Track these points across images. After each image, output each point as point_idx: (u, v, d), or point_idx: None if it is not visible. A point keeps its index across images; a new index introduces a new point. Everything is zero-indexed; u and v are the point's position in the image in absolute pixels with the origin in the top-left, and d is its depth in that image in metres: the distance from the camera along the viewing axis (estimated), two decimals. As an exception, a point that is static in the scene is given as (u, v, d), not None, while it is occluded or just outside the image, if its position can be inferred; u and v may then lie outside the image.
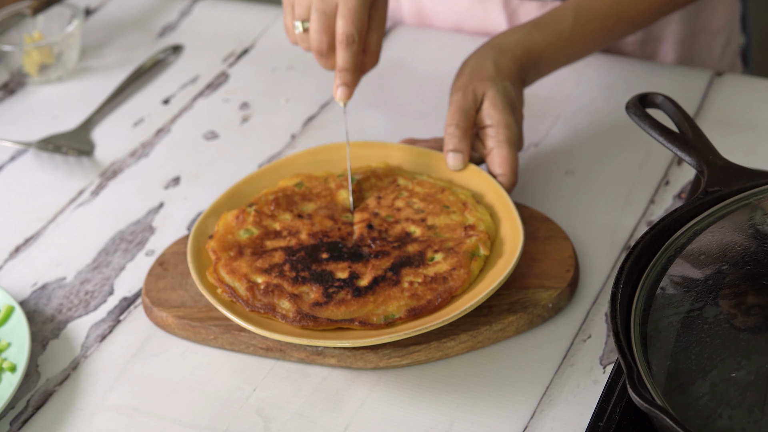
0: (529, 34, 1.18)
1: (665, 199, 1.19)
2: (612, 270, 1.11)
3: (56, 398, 1.03)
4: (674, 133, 1.04)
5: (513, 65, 1.15)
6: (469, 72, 1.15)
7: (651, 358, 0.86)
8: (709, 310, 0.89)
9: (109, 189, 1.27)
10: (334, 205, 1.13)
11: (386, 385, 1.02)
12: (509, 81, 1.14)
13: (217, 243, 1.08)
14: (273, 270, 1.05)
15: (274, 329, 1.00)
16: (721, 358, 0.85)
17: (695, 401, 0.83)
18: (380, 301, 1.02)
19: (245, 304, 1.03)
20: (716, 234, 0.95)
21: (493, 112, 1.12)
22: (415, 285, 1.02)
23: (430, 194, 1.11)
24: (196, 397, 1.02)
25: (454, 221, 1.08)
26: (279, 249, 1.08)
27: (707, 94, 1.32)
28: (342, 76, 1.12)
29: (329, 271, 1.05)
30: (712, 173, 1.00)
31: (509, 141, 1.12)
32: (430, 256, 1.05)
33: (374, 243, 1.07)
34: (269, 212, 1.11)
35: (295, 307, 1.01)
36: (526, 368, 1.02)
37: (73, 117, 1.38)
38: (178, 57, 1.48)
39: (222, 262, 1.06)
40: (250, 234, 1.10)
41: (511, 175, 1.12)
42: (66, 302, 1.13)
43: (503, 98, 1.12)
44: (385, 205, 1.11)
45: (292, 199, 1.13)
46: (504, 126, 1.12)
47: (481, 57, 1.16)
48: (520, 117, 1.15)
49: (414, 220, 1.09)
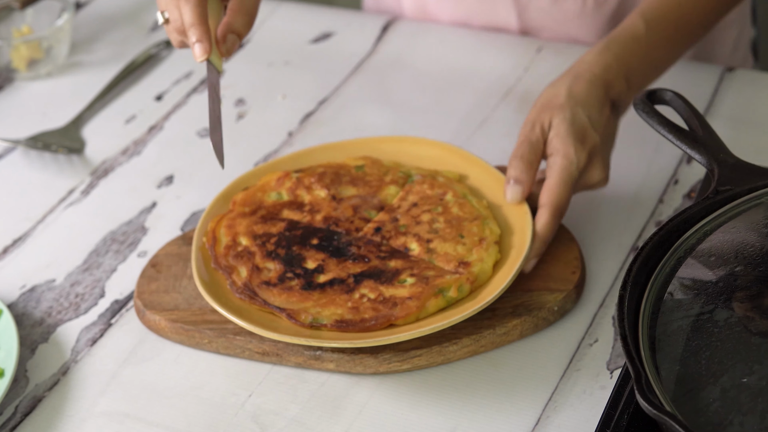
0: (608, 48, 1.13)
1: (674, 198, 1.19)
2: (619, 272, 1.11)
3: (45, 404, 1.03)
4: (684, 130, 1.04)
5: (592, 88, 1.10)
6: (542, 102, 1.12)
7: (660, 362, 0.86)
8: (720, 313, 0.89)
9: (100, 188, 1.27)
10: (372, 197, 1.13)
11: (386, 391, 1.02)
12: (582, 107, 1.09)
13: (244, 196, 1.14)
14: (261, 238, 1.08)
15: (275, 329, 1.00)
16: (732, 363, 0.85)
17: (705, 407, 0.83)
18: (322, 303, 1.03)
19: (213, 259, 1.07)
20: (727, 234, 0.95)
21: (556, 141, 1.08)
22: (364, 299, 1.03)
23: (459, 218, 1.09)
24: (189, 403, 1.02)
25: (457, 253, 1.06)
26: (286, 221, 1.10)
27: (718, 90, 1.32)
28: (192, 32, 1.06)
29: (302, 257, 1.07)
30: (722, 172, 1.00)
31: (562, 171, 1.07)
32: (403, 278, 1.04)
33: (366, 246, 1.07)
34: (308, 183, 1.13)
35: (246, 279, 1.05)
36: (531, 373, 1.02)
37: (63, 114, 1.38)
38: (171, 52, 1.48)
39: (230, 215, 1.11)
40: (279, 198, 1.13)
41: (551, 208, 1.07)
42: (55, 305, 1.13)
43: (569, 126, 1.08)
44: (413, 214, 1.11)
45: (339, 179, 1.14)
46: (562, 155, 1.08)
47: (555, 85, 1.12)
48: (596, 147, 1.09)
49: (421, 237, 1.08)
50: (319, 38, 1.47)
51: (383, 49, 1.45)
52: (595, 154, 1.09)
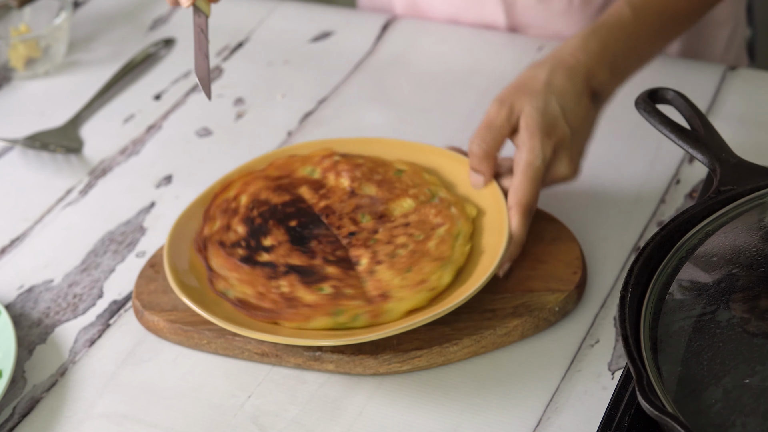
0: (593, 34, 1.12)
1: (676, 198, 1.19)
2: (621, 272, 1.11)
3: (43, 405, 1.03)
4: (685, 129, 1.04)
5: (572, 76, 1.08)
6: (518, 83, 1.09)
7: (661, 363, 0.86)
8: (722, 313, 0.89)
9: (99, 188, 1.27)
10: (382, 203, 1.10)
11: (386, 392, 1.02)
12: (558, 96, 1.07)
13: (283, 161, 1.17)
14: (259, 203, 1.11)
15: (263, 330, 1.01)
16: (734, 364, 0.85)
17: (707, 408, 0.83)
18: (243, 278, 1.05)
19: (207, 209, 1.12)
20: (729, 235, 0.95)
21: (524, 133, 1.07)
22: (277, 290, 1.03)
23: (424, 253, 1.05)
24: (188, 404, 1.02)
25: (388, 285, 1.03)
26: (295, 196, 1.12)
27: (720, 89, 1.32)
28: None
29: (267, 232, 1.08)
30: (724, 172, 1.00)
31: (528, 168, 1.06)
32: (322, 286, 1.03)
33: (326, 245, 1.07)
34: (340, 170, 1.13)
35: (211, 232, 1.09)
36: (532, 374, 1.02)
37: (61, 113, 1.38)
38: (170, 51, 1.48)
39: (257, 173, 1.14)
40: (311, 174, 1.14)
41: (519, 208, 1.06)
42: (53, 306, 1.13)
43: (539, 117, 1.06)
44: (395, 233, 1.08)
45: (371, 176, 1.13)
46: (528, 150, 1.06)
47: (537, 67, 1.10)
48: (563, 140, 1.07)
49: (376, 257, 1.05)
50: (319, 37, 1.47)
51: (383, 48, 1.45)
52: (562, 147, 1.08)
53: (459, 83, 1.38)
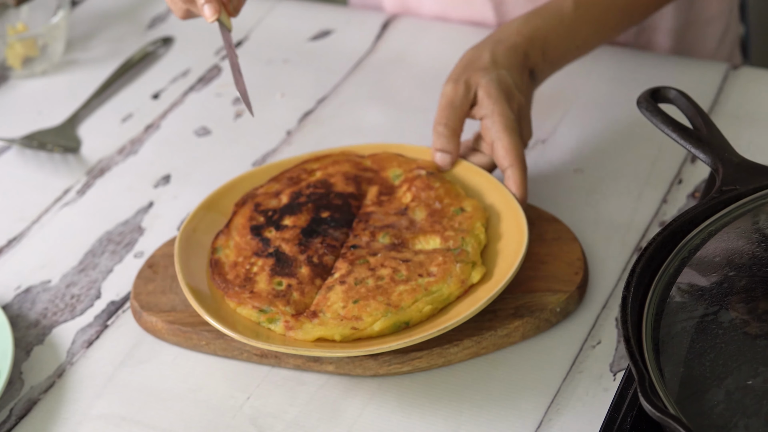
0: (528, 21, 1.18)
1: (678, 198, 1.19)
2: (623, 273, 1.11)
3: (41, 407, 1.03)
4: (688, 129, 1.04)
5: (512, 54, 1.15)
6: (464, 63, 1.16)
7: (663, 364, 0.86)
8: (724, 314, 0.89)
9: (96, 188, 1.27)
10: (413, 234, 1.08)
11: (386, 394, 1.02)
12: (506, 69, 1.14)
13: (384, 156, 1.16)
14: (321, 187, 1.12)
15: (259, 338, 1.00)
16: (736, 365, 0.85)
17: (710, 410, 0.83)
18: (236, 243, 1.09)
19: (287, 171, 1.16)
20: (732, 235, 0.95)
21: (487, 102, 1.12)
22: (241, 268, 1.06)
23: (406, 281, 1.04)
24: (187, 406, 1.02)
25: (351, 311, 1.02)
26: (357, 191, 1.12)
27: (722, 88, 1.32)
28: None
29: (299, 210, 1.10)
30: (727, 171, 1.00)
31: (508, 129, 1.11)
32: (279, 280, 1.04)
33: (328, 249, 1.07)
34: (412, 186, 1.12)
35: (268, 191, 1.13)
36: (533, 375, 1.02)
37: (59, 112, 1.38)
38: (168, 49, 1.48)
39: (346, 156, 1.16)
40: (392, 177, 1.14)
41: (518, 164, 1.10)
42: (51, 306, 1.13)
43: (497, 86, 1.12)
44: (371, 267, 1.06)
45: (432, 204, 1.10)
46: (499, 114, 1.11)
47: (478, 48, 1.16)
48: (522, 106, 1.14)
49: (359, 281, 1.04)
50: (318, 36, 1.47)
51: (383, 46, 1.45)
52: (522, 114, 1.13)
53: (459, 82, 1.38)
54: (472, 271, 1.04)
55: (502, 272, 1.04)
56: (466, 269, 1.04)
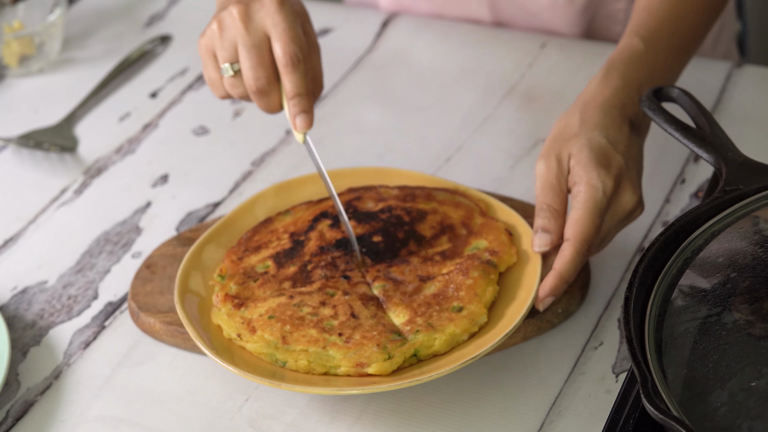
0: (609, 71, 1.09)
1: (681, 198, 1.19)
2: (625, 273, 1.11)
3: (37, 409, 1.03)
4: (691, 128, 1.04)
5: (604, 111, 1.06)
6: (553, 135, 1.07)
7: (666, 366, 0.86)
8: (728, 315, 0.88)
9: (94, 187, 1.27)
10: (419, 285, 1.04)
11: (386, 396, 1.02)
12: (599, 130, 1.05)
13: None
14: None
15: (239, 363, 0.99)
16: (740, 366, 0.85)
17: (713, 412, 0.83)
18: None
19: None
20: (735, 235, 0.95)
21: (577, 170, 1.03)
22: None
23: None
24: (185, 408, 1.02)
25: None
26: (413, 218, 1.09)
27: (726, 86, 1.32)
28: (296, 102, 1.06)
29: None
30: (730, 171, 1.00)
31: (589, 203, 1.02)
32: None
33: (323, 270, 1.05)
34: (463, 238, 1.08)
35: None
36: (534, 377, 1.02)
37: (56, 111, 1.38)
38: (166, 48, 1.48)
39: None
40: (454, 216, 1.10)
41: (578, 245, 1.00)
42: (48, 307, 1.13)
43: (589, 152, 1.03)
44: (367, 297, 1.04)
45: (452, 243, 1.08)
46: (586, 184, 1.02)
47: (566, 116, 1.08)
48: (622, 168, 1.04)
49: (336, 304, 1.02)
50: (318, 34, 1.47)
51: (383, 45, 1.45)
52: (622, 177, 1.05)
53: (459, 81, 1.38)
54: (478, 316, 1.01)
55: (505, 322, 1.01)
56: (470, 318, 1.01)
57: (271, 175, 1.26)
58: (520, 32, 1.44)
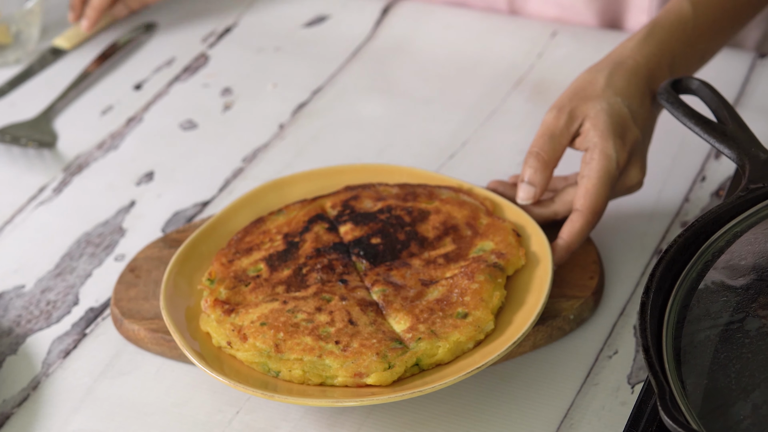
0: (651, 34, 1.11)
1: (701, 197, 1.19)
2: (641, 277, 1.11)
3: (14, 422, 1.03)
4: (712, 122, 1.04)
5: (633, 77, 1.08)
6: (574, 88, 1.09)
7: (685, 376, 0.86)
8: (751, 322, 0.89)
9: (74, 185, 1.27)
10: (421, 291, 1.04)
11: (386, 408, 1.02)
12: (623, 97, 1.07)
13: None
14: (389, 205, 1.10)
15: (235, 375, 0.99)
16: (764, 377, 0.85)
17: (735, 425, 0.83)
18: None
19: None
20: (759, 236, 0.95)
21: (593, 134, 1.05)
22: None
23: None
24: (171, 421, 1.02)
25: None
26: (415, 217, 1.09)
27: (749, 78, 1.32)
28: None
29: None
30: (754, 168, 1.00)
31: (602, 172, 1.04)
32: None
33: (323, 274, 1.05)
34: (467, 239, 1.08)
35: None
36: (545, 388, 1.02)
37: (33, 104, 1.38)
38: (151, 36, 1.48)
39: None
40: (461, 217, 1.10)
41: (588, 215, 1.04)
42: (25, 313, 1.13)
43: (607, 118, 1.05)
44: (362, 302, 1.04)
45: (457, 241, 1.08)
46: (600, 152, 1.04)
47: (593, 70, 1.10)
48: (637, 143, 1.07)
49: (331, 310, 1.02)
50: (313, 22, 1.47)
51: (383, 33, 1.45)
52: (635, 152, 1.07)
53: (465, 72, 1.38)
54: (483, 325, 1.01)
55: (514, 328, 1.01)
56: (474, 328, 1.01)
57: (263, 172, 1.27)
58: (529, 20, 1.44)
